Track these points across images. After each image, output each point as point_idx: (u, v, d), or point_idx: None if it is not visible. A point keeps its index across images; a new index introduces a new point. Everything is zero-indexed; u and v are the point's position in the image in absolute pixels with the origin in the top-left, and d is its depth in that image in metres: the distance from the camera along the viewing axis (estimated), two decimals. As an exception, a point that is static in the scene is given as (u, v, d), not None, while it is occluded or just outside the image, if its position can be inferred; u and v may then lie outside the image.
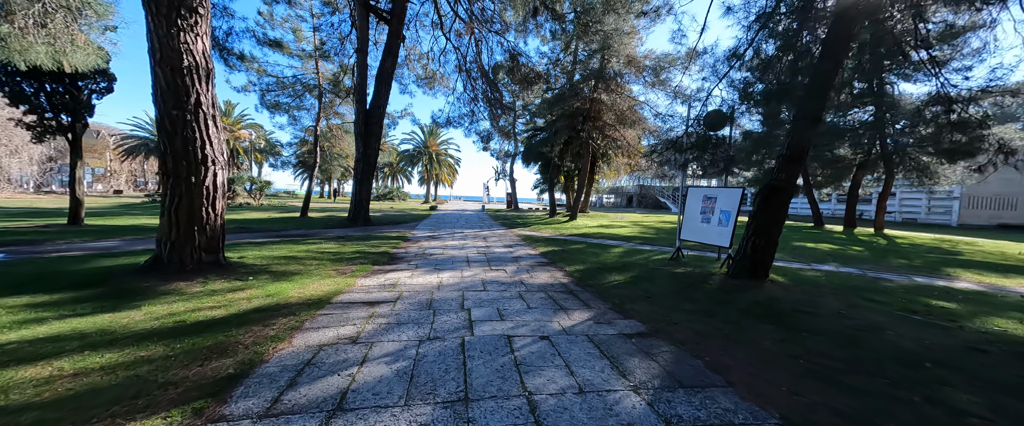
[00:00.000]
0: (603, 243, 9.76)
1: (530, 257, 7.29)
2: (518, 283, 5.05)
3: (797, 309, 4.00)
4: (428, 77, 15.61)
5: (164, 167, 4.32)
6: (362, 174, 12.13)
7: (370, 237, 9.37)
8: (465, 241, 9.50)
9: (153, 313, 3.28)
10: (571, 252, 8.00)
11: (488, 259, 6.89)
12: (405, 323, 3.33)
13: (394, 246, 8.07)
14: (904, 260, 8.36)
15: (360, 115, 11.93)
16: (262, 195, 20.39)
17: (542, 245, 9.02)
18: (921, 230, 19.42)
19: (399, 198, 43.04)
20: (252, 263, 5.44)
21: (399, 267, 5.86)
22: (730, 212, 6.08)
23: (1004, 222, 23.97)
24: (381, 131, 12.51)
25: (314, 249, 7.10)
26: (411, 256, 6.95)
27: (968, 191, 24.05)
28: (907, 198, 27.33)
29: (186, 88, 4.21)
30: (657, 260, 7.13)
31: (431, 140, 46.21)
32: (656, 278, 5.54)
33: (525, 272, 5.81)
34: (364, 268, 5.63)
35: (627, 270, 6.10)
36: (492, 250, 8.06)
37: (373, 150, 12.22)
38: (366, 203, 12.48)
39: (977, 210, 24.64)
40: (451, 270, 5.76)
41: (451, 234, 11.06)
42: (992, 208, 24.48)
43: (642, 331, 3.31)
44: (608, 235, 11.56)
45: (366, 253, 6.95)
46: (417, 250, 7.71)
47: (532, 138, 24.53)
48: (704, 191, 6.69)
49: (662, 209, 37.90)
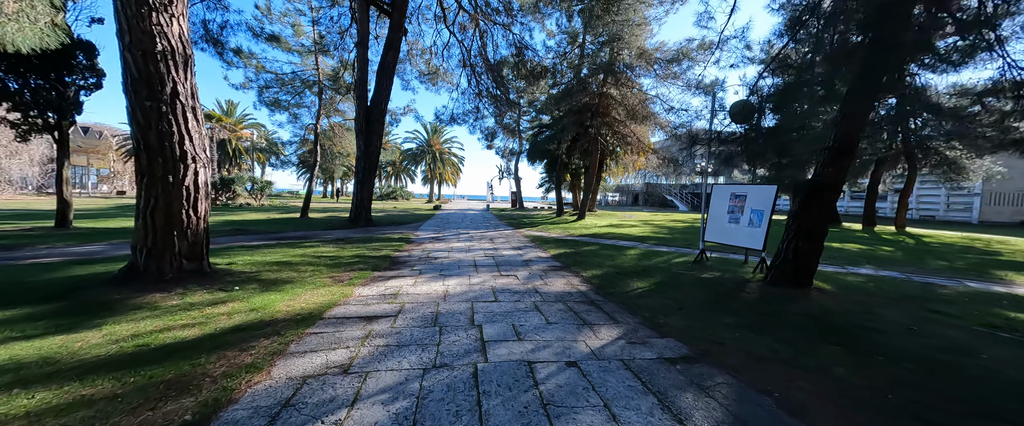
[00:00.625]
0: (617, 244, 9.24)
1: (541, 260, 6.79)
2: (532, 291, 4.55)
3: (859, 324, 3.47)
4: (431, 73, 15.13)
5: (138, 165, 3.86)
6: (363, 173, 11.68)
7: (371, 239, 8.92)
8: (471, 243, 9.02)
9: (114, 334, 2.82)
10: (585, 254, 7.49)
11: (497, 263, 6.40)
12: (407, 345, 2.85)
13: (396, 249, 7.60)
14: (943, 262, 7.76)
15: (361, 111, 11.48)
16: (263, 195, 20.03)
17: (553, 247, 8.52)
18: (941, 228, 18.65)
19: (402, 198, 42.69)
20: (241, 270, 5.00)
21: (401, 273, 5.39)
22: (763, 211, 5.54)
23: (1028, 219, 23.07)
24: (383, 128, 12.05)
25: (311, 253, 6.65)
26: (414, 260, 6.48)
27: (989, 187, 23.19)
28: (925, 195, 26.46)
29: (160, 76, 3.75)
30: (679, 263, 6.61)
31: (434, 138, 45.77)
32: (683, 285, 5.02)
33: (538, 278, 5.32)
34: (363, 275, 5.16)
35: (649, 275, 5.59)
36: (500, 253, 7.57)
37: (375, 148, 11.77)
38: (368, 203, 12.04)
39: (999, 207, 23.77)
40: (458, 276, 5.28)
41: (456, 235, 10.59)
42: (1015, 204, 23.58)
43: (686, 354, 2.80)
44: (620, 235, 11.03)
45: (366, 257, 6.49)
46: (421, 253, 7.24)
47: (537, 135, 23.99)
48: (731, 189, 6.15)
49: (669, 207, 37.22)
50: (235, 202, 18.20)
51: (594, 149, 15.15)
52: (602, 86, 14.63)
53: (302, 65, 13.82)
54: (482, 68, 13.75)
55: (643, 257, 7.32)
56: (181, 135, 3.93)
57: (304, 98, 14.59)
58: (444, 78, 15.39)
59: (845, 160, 4.46)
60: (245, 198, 18.83)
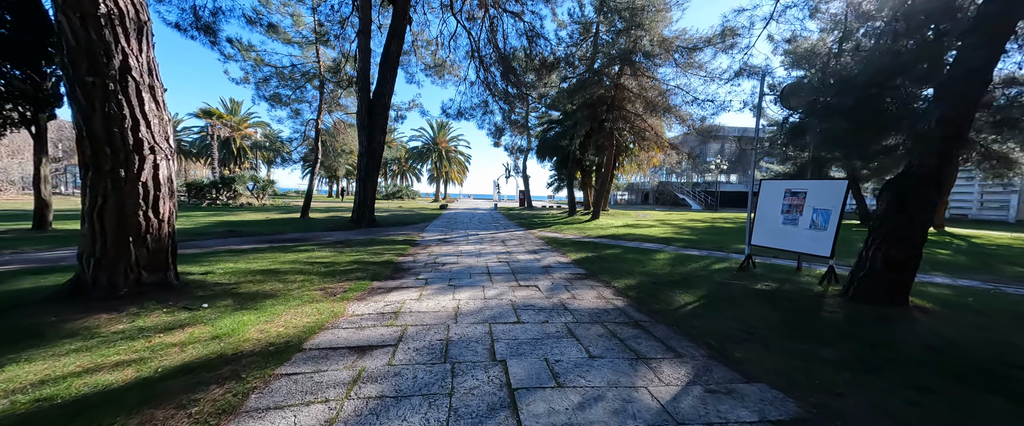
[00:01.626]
0: (640, 247, 8.41)
1: (562, 266, 6.01)
2: (560, 308, 3.77)
3: (1007, 361, 2.63)
4: (437, 65, 14.39)
5: (81, 156, 3.16)
6: (366, 170, 10.99)
7: (374, 241, 8.21)
8: (481, 245, 8.26)
9: (14, 381, 2.10)
10: (609, 259, 6.69)
11: (513, 270, 5.62)
12: (408, 396, 2.09)
13: (400, 253, 6.87)
14: (1019, 268, 6.81)
15: (363, 104, 10.78)
16: (265, 195, 19.50)
17: (571, 250, 7.72)
18: (977, 227, 17.37)
19: (408, 197, 42.17)
20: (217, 282, 4.29)
21: (404, 283, 4.65)
22: (829, 211, 4.68)
23: (1071, 218, 21.65)
24: (386, 123, 11.35)
25: (304, 259, 5.94)
26: (419, 266, 5.73)
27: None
28: (956, 191, 25.07)
29: (106, 45, 3.03)
30: (721, 271, 5.77)
31: (441, 136, 45.14)
32: (739, 300, 4.20)
33: (564, 289, 4.53)
34: (361, 286, 4.43)
35: (692, 286, 4.77)
36: (515, 257, 6.80)
37: (378, 143, 11.07)
38: (371, 202, 11.36)
39: (1040, 205, 22.34)
40: (470, 287, 4.52)
41: (465, 237, 9.84)
42: (1057, 202, 22.14)
43: (798, 415, 2.00)
44: (640, 236, 10.19)
45: (366, 263, 5.76)
46: (427, 258, 6.49)
47: (547, 132, 23.18)
48: (786, 185, 5.29)
49: (681, 206, 36.12)
50: (236, 202, 17.68)
51: (609, 144, 14.29)
52: (618, 77, 13.76)
53: (302, 57, 13.18)
54: (491, 59, 12.97)
55: (676, 263, 6.48)
56: (135, 120, 3.22)
57: (305, 93, 13.97)
58: (450, 71, 14.64)
59: (955, 146, 3.60)
60: (247, 198, 18.31)
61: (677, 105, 12.91)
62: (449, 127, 46.16)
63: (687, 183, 41.17)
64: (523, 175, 28.30)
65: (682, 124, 13.30)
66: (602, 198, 15.15)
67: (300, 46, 12.89)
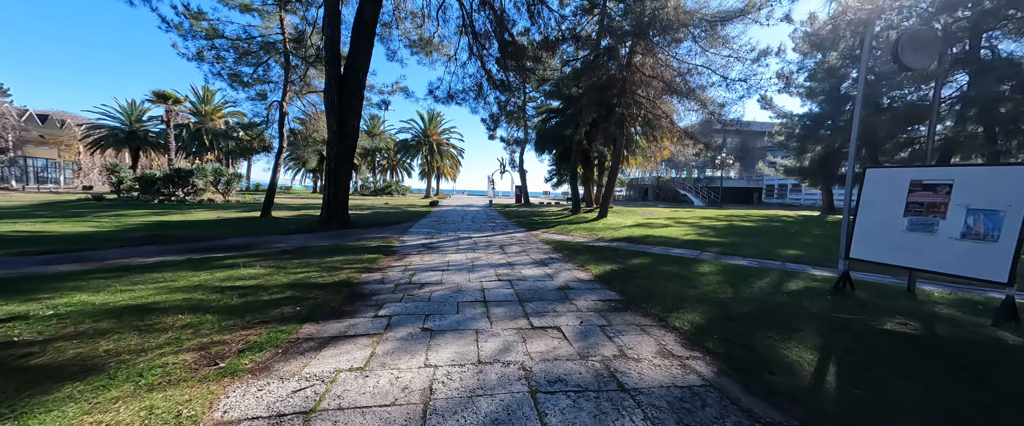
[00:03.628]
0: (669, 254, 6.81)
1: (586, 288, 4.36)
2: (608, 383, 2.15)
3: None
4: (423, 42, 12.56)
5: None
6: (337, 160, 9.20)
7: (337, 250, 6.47)
8: (474, 254, 6.58)
9: None
10: (641, 274, 5.07)
11: (520, 297, 3.96)
12: None
13: (366, 267, 5.16)
14: None
15: (332, 81, 8.94)
16: (231, 190, 17.45)
17: (589, 260, 6.07)
18: None
19: (398, 192, 40.18)
20: (20, 337, 2.55)
21: (353, 327, 2.96)
22: (1001, 213, 3.10)
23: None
24: (361, 104, 9.54)
25: (218, 281, 4.20)
26: (386, 291, 4.04)
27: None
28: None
29: None
30: (803, 293, 4.18)
31: (432, 128, 43.03)
32: (883, 352, 2.63)
33: (601, 334, 2.89)
34: (277, 335, 2.73)
35: (788, 325, 3.17)
36: (519, 272, 5.14)
37: (351, 128, 9.27)
38: (343, 198, 9.58)
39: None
40: (456, 335, 2.85)
41: (455, 241, 8.15)
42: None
43: None
44: (662, 239, 8.60)
45: (308, 287, 4.05)
46: (399, 276, 4.80)
47: (546, 122, 21.50)
48: (911, 174, 3.69)
49: (683, 202, 34.80)
50: (196, 198, 15.62)
51: (619, 133, 12.64)
52: (631, 56, 12.10)
53: (264, 28, 11.25)
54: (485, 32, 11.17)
55: (731, 279, 4.88)
56: None
57: (270, 71, 12.06)
58: (439, 50, 12.81)
59: None
60: (211, 193, 16.28)
61: (699, 86, 11.28)
62: (441, 118, 44.04)
63: (688, 178, 39.88)
64: (520, 170, 26.59)
65: (703, 110, 11.69)
66: (610, 194, 13.54)
67: (260, 15, 10.95)
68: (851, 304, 3.82)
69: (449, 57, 12.85)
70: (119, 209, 12.82)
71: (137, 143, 28.08)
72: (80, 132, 28.19)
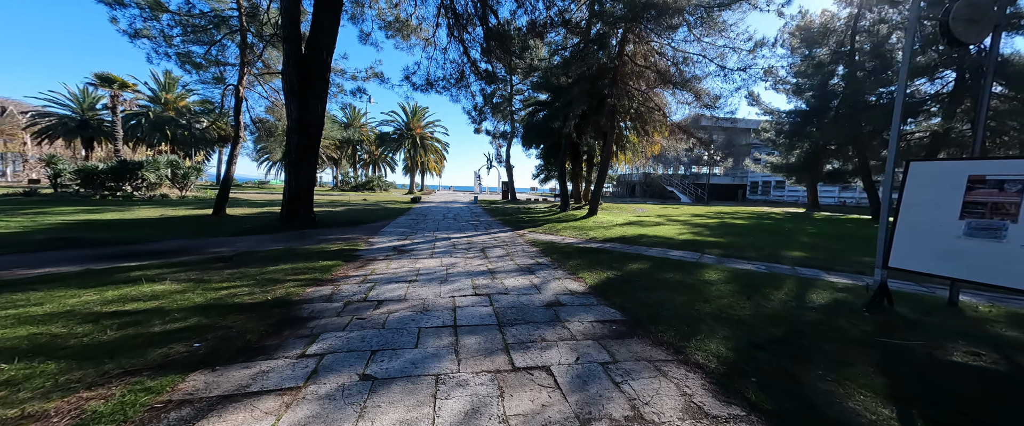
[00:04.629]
0: (668, 257, 6.16)
1: (581, 304, 3.62)
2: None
3: None
4: (400, 25, 11.52)
5: None
6: (298, 151, 8.17)
7: (287, 256, 5.53)
8: (451, 259, 5.76)
9: None
10: (642, 283, 4.37)
11: (500, 318, 3.18)
12: None
13: (315, 279, 4.27)
14: None
15: (291, 61, 7.88)
16: (189, 184, 15.89)
17: (581, 265, 5.34)
18: None
19: (380, 188, 38.71)
20: None
21: (258, 380, 2.12)
22: (1095, 217, 2.49)
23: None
24: (326, 88, 8.51)
25: (101, 302, 3.26)
26: (329, 313, 3.19)
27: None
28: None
29: None
30: (831, 307, 3.56)
31: (414, 121, 41.56)
32: (968, 396, 1.96)
33: (607, 381, 2.15)
34: (136, 397, 1.86)
35: (833, 355, 2.51)
36: (501, 283, 4.35)
37: (315, 116, 8.25)
38: (307, 194, 8.56)
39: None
40: (407, 387, 2.05)
41: (431, 243, 7.29)
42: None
43: None
44: (657, 239, 7.98)
45: (225, 310, 3.16)
46: (354, 290, 3.94)
47: (533, 115, 20.69)
48: (970, 167, 3.08)
49: (670, 199, 34.72)
50: (147, 193, 14.06)
51: (610, 126, 11.97)
52: (622, 45, 11.40)
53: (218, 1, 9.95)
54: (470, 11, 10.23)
55: (744, 289, 4.23)
56: None
57: (226, 51, 10.78)
58: (417, 33, 11.81)
59: None
60: (167, 188, 14.73)
61: (694, 77, 10.67)
62: (424, 111, 42.59)
63: (674, 175, 39.90)
64: (506, 165, 25.73)
65: (697, 102, 11.12)
66: (599, 190, 12.90)
67: (210, -15, 9.68)
68: (896, 324, 3.21)
69: (428, 42, 11.86)
70: (49, 205, 11.35)
71: (90, 133, 25.81)
72: (25, 120, 25.66)
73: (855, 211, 24.24)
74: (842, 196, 31.33)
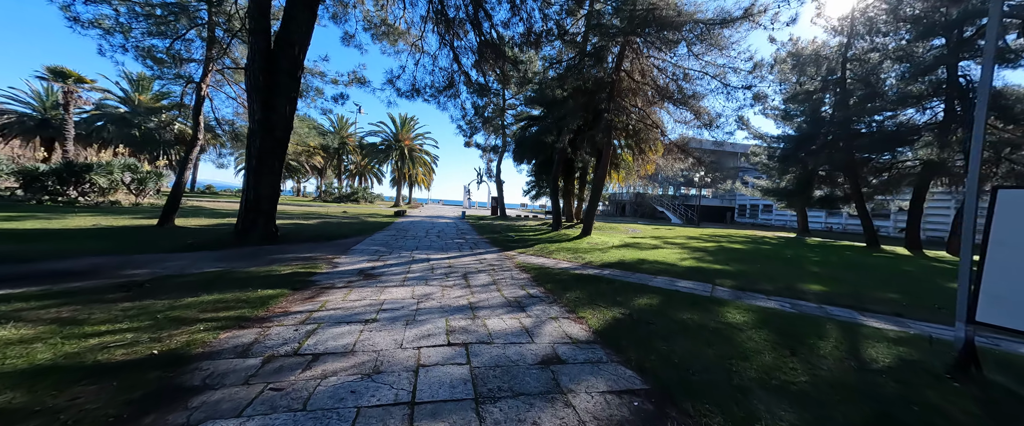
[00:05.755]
0: (678, 289, 5.37)
1: (586, 360, 2.75)
2: None
3: None
4: (387, 29, 10.87)
5: None
6: (260, 155, 7.20)
7: (219, 281, 4.51)
8: (427, 287, 4.83)
9: None
10: (658, 329, 3.54)
11: (477, 386, 2.28)
12: None
13: (239, 318, 3.29)
14: None
15: (257, 54, 7.02)
16: (148, 191, 14.41)
17: (582, 301, 4.48)
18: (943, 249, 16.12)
19: (365, 200, 37.36)
20: None
21: None
22: None
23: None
24: (297, 86, 7.64)
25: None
26: (231, 381, 2.23)
27: (1004, 208, 21.65)
28: (932, 212, 24.96)
29: None
30: (912, 369, 2.79)
31: (403, 133, 40.72)
32: None
33: None
34: None
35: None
36: (483, 325, 3.44)
37: (281, 116, 7.35)
38: (268, 204, 7.53)
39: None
40: None
41: (406, 266, 6.34)
42: (1028, 227, 22.32)
43: None
44: (658, 266, 7.22)
45: (68, 379, 2.16)
46: (286, 335, 2.98)
47: (525, 129, 20.18)
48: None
49: (660, 219, 34.48)
50: (95, 199, 12.50)
51: (607, 143, 11.39)
52: (619, 60, 10.99)
53: (183, -9, 9.11)
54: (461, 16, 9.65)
55: (781, 338, 3.44)
56: None
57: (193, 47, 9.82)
58: (405, 38, 11.17)
59: None
60: (123, 194, 13.27)
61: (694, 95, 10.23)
62: (414, 123, 41.86)
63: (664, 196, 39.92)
64: (496, 180, 25.03)
65: (697, 120, 10.67)
66: (594, 209, 12.20)
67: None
68: (1000, 400, 2.44)
69: (417, 48, 11.21)
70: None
71: (51, 133, 24.04)
72: (-27, 116, 23.69)
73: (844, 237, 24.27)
74: (829, 221, 31.64)
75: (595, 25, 10.90)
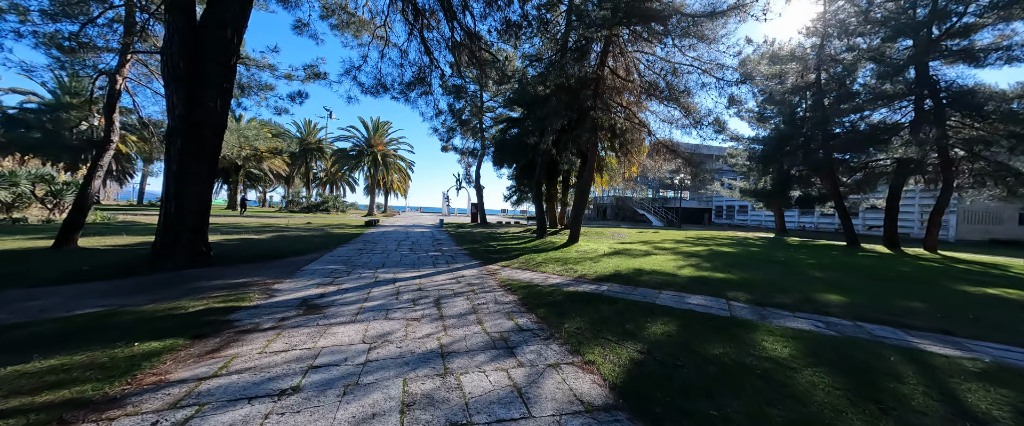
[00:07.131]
0: (693, 309, 4.55)
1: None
2: None
3: None
4: (347, 16, 9.71)
5: None
6: (182, 158, 5.87)
7: (86, 331, 3.26)
8: (387, 322, 3.75)
9: None
10: (692, 377, 2.65)
11: None
12: None
13: (69, 403, 2.11)
14: None
15: (176, 35, 5.73)
16: (63, 205, 12.32)
17: (585, 333, 3.55)
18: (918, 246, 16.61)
19: (337, 209, 35.20)
20: None
21: None
22: None
23: (995, 237, 23.10)
24: (231, 76, 6.36)
25: None
26: None
27: (963, 205, 22.84)
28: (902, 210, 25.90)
29: None
30: None
31: (376, 137, 38.90)
32: None
33: None
34: None
35: None
36: (458, 382, 2.42)
37: (210, 111, 6.06)
38: (194, 219, 6.17)
39: (971, 225, 23.63)
40: None
41: (366, 290, 5.21)
42: (984, 223, 23.61)
43: None
44: (657, 277, 6.42)
45: None
46: (136, 436, 1.85)
47: (505, 132, 19.29)
48: None
49: (641, 222, 34.41)
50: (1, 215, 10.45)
51: (593, 144, 10.65)
52: (603, 55, 10.32)
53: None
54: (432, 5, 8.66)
55: (845, 380, 2.64)
56: None
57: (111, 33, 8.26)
58: (368, 29, 10.04)
59: None
60: (35, 209, 11.21)
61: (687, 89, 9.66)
62: (387, 127, 40.13)
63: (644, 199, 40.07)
64: (476, 185, 23.94)
65: (687, 117, 10.12)
66: (580, 214, 11.41)
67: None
68: None
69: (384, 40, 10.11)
70: None
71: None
72: None
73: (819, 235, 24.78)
74: (801, 220, 32.52)
75: (578, 16, 10.19)
